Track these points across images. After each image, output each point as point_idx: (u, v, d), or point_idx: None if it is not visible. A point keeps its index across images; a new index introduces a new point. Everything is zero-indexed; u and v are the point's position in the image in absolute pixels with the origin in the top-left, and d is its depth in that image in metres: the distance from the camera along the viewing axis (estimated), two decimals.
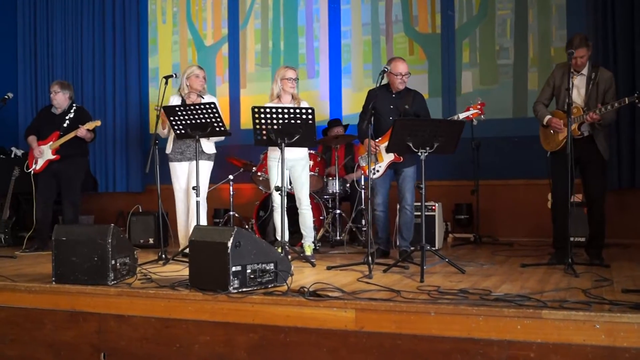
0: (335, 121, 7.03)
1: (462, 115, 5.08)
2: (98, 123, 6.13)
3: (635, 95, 4.43)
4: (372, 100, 4.88)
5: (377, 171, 5.22)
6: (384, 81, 5.13)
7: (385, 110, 5.21)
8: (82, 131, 6.00)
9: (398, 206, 5.36)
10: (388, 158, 5.21)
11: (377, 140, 5.20)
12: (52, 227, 6.52)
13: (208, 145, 5.45)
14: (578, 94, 4.79)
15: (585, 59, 4.75)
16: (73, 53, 8.46)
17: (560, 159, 4.73)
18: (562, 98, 4.84)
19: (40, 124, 6.32)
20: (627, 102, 4.47)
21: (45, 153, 6.11)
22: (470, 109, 5.11)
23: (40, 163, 6.13)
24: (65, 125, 6.12)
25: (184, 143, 5.44)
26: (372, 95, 5.11)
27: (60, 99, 6.21)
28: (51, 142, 6.09)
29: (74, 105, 6.29)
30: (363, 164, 5.42)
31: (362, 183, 6.27)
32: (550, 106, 5.03)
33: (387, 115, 5.21)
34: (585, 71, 4.79)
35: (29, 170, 6.19)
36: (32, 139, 6.23)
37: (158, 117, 5.22)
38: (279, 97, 5.39)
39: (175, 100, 5.56)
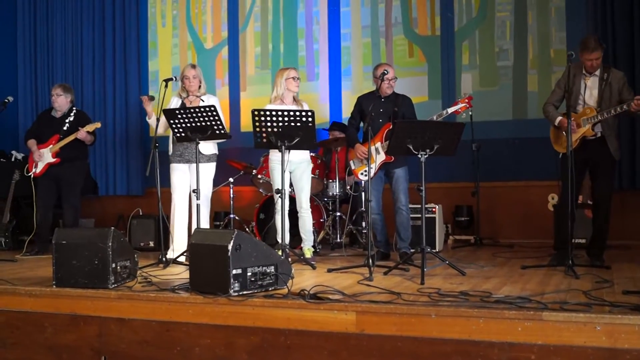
0: (339, 125, 7.01)
1: (450, 110, 5.15)
2: (98, 125, 6.14)
3: None
4: (362, 105, 5.31)
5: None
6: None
7: (375, 114, 5.24)
8: (82, 133, 6.00)
9: (394, 208, 5.36)
10: (379, 159, 5.25)
11: (366, 144, 5.22)
12: (52, 231, 6.51)
13: (205, 146, 5.38)
14: (590, 95, 4.80)
15: (600, 61, 4.76)
16: (73, 56, 8.46)
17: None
18: (573, 99, 4.85)
19: (40, 127, 6.32)
20: None
21: (45, 156, 6.11)
22: (458, 102, 5.18)
23: (40, 166, 6.13)
24: (65, 128, 6.13)
25: (181, 145, 5.44)
26: (362, 101, 5.38)
27: (62, 102, 6.22)
28: (51, 146, 6.10)
29: (74, 108, 6.30)
30: (354, 167, 5.46)
31: (362, 186, 6.27)
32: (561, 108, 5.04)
33: (376, 118, 5.26)
34: (597, 72, 4.80)
35: (29, 174, 6.19)
36: (32, 143, 6.22)
37: (158, 120, 5.22)
38: (281, 99, 5.40)
39: (174, 102, 5.57)
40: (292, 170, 5.37)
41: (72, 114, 6.21)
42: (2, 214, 6.83)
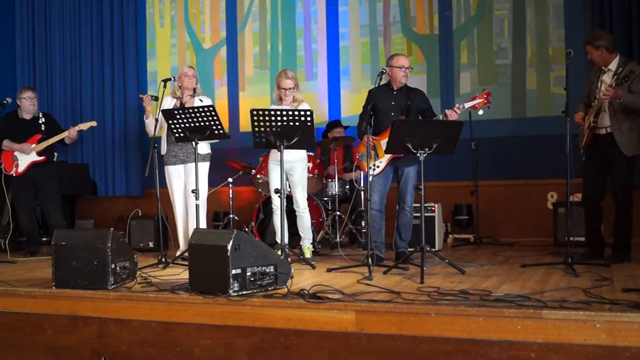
0: (335, 122, 7.02)
1: (467, 105, 5.02)
2: (94, 124, 6.21)
3: None
4: (372, 101, 4.99)
5: (377, 167, 5.11)
6: (383, 81, 5.07)
7: (387, 107, 5.12)
8: (73, 132, 6.05)
9: (397, 207, 5.31)
10: (389, 154, 5.09)
11: (377, 137, 5.11)
12: (39, 231, 6.57)
13: (201, 146, 5.35)
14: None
15: (594, 56, 4.82)
16: (71, 57, 8.47)
17: (588, 156, 4.88)
18: (592, 94, 4.91)
19: (11, 129, 6.23)
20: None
21: (30, 154, 6.12)
22: (476, 97, 5.03)
23: (23, 165, 6.11)
24: (43, 129, 6.18)
25: (176, 145, 5.43)
26: (372, 95, 5.08)
27: (35, 104, 6.28)
28: (34, 145, 6.09)
29: (39, 111, 6.34)
30: (363, 161, 5.30)
31: (362, 184, 6.24)
32: None
33: (388, 112, 5.11)
34: (613, 67, 4.81)
35: (11, 173, 6.13)
36: (9, 142, 6.16)
37: (157, 121, 5.22)
38: (280, 99, 5.42)
39: (168, 102, 5.55)
40: (289, 169, 5.35)
41: (41, 116, 6.26)
42: (1, 215, 6.81)
